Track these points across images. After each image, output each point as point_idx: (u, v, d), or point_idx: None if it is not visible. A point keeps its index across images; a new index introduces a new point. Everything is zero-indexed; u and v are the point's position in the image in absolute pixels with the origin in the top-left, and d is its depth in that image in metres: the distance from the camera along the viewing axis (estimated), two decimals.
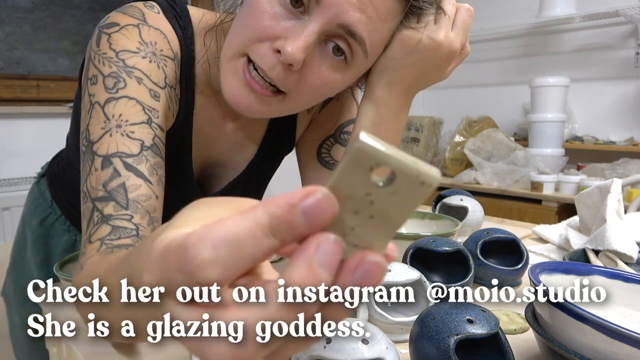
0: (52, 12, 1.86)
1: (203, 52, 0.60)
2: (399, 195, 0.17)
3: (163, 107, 0.55)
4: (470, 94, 2.98)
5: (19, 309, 0.82)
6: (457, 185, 2.26)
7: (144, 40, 0.54)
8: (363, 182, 0.17)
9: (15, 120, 1.81)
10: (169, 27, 0.57)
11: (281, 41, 0.48)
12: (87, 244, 0.45)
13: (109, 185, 0.47)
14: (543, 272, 0.47)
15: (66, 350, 0.54)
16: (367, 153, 0.17)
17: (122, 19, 0.54)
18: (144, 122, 0.51)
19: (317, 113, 0.73)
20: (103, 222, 0.46)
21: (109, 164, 0.48)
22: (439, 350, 0.39)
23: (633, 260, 0.64)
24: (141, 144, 0.50)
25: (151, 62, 0.54)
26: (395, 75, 0.57)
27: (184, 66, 0.59)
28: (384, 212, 0.18)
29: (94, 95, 0.51)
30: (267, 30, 0.49)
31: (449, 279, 0.63)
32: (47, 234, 0.80)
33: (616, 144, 2.25)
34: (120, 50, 0.52)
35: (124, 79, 0.51)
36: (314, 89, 0.53)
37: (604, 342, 0.35)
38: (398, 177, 0.17)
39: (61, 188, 0.78)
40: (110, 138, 0.49)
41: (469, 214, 0.89)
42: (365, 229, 0.18)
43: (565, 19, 2.31)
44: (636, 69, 2.30)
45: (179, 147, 0.62)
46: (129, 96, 0.51)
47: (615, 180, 0.77)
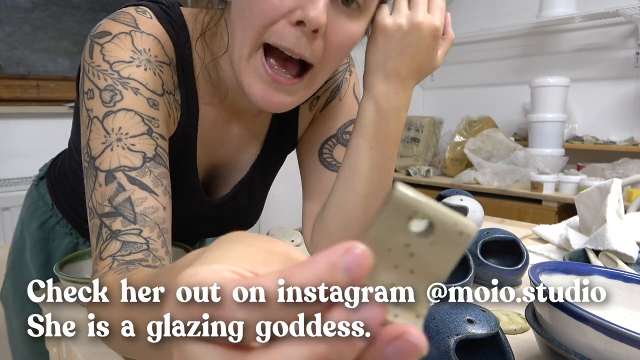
0: (52, 12, 1.86)
1: (201, 55, 0.59)
2: (438, 246, 0.17)
3: (163, 114, 0.55)
4: (470, 94, 2.98)
5: (18, 313, 0.81)
6: (457, 185, 2.26)
7: (137, 48, 0.53)
8: (402, 233, 0.17)
9: (15, 120, 1.81)
10: (163, 31, 0.55)
11: (298, 12, 0.47)
12: (99, 261, 0.45)
13: (114, 200, 0.47)
14: (543, 272, 0.47)
15: (66, 351, 0.54)
16: (405, 203, 0.17)
17: (113, 27, 0.53)
18: (144, 133, 0.50)
19: (319, 111, 0.72)
20: (112, 238, 0.45)
21: (113, 179, 0.47)
22: (439, 350, 0.39)
23: (633, 260, 0.64)
24: (143, 155, 0.49)
25: (146, 69, 0.53)
26: (389, 67, 0.57)
27: (182, 71, 0.58)
28: (424, 266, 0.17)
29: (92, 110, 0.50)
30: (278, 9, 0.47)
31: (449, 279, 0.63)
32: (47, 238, 0.79)
33: (616, 144, 2.25)
34: (114, 61, 0.51)
35: (120, 91, 0.50)
36: (340, 48, 0.52)
37: (604, 342, 0.35)
38: (437, 226, 0.17)
39: (62, 192, 0.78)
40: (111, 152, 0.48)
41: (469, 214, 0.89)
42: (406, 284, 0.17)
43: (565, 19, 2.31)
44: (636, 69, 2.30)
45: (183, 153, 0.61)
46: (127, 108, 0.50)
47: (615, 180, 0.77)
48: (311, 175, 0.70)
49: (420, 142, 2.60)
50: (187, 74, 0.58)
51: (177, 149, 0.60)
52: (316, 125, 0.72)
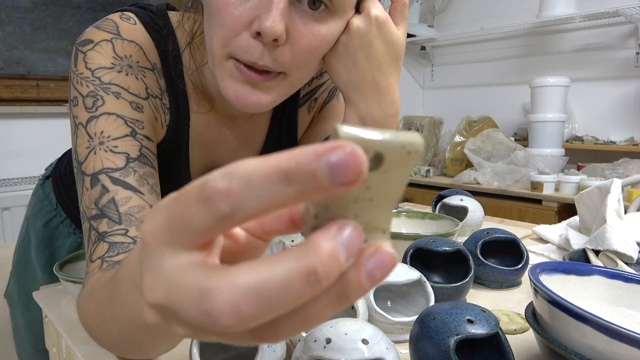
0: (51, 12, 1.86)
1: (188, 62, 0.59)
2: (390, 172, 0.18)
3: (148, 117, 0.55)
4: (470, 94, 2.98)
5: (23, 311, 0.81)
6: (457, 185, 2.26)
7: (118, 54, 0.53)
8: None
9: (15, 120, 1.81)
10: (146, 37, 0.56)
11: (256, 22, 0.45)
12: (90, 263, 0.46)
13: (99, 202, 0.47)
14: (543, 272, 0.47)
15: (66, 351, 0.54)
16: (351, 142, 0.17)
17: (96, 35, 0.54)
18: (127, 135, 0.51)
19: (317, 112, 0.73)
20: (100, 240, 0.46)
21: (97, 182, 0.48)
22: (439, 350, 0.38)
23: (633, 260, 0.64)
24: (126, 156, 0.50)
25: (128, 74, 0.53)
26: (355, 80, 0.54)
27: (168, 76, 0.58)
28: (381, 192, 0.18)
29: (77, 117, 0.51)
30: (238, 20, 0.46)
31: (449, 279, 0.63)
32: (51, 236, 0.80)
33: (616, 144, 2.25)
34: (96, 68, 0.52)
35: (101, 96, 0.51)
36: (310, 52, 0.49)
37: (604, 342, 0.35)
38: (385, 155, 0.17)
39: (66, 192, 0.79)
40: (94, 156, 0.49)
41: (469, 214, 0.89)
42: (369, 212, 0.19)
43: (565, 19, 2.32)
44: (636, 69, 2.30)
45: (174, 158, 0.62)
46: (108, 112, 0.51)
47: (615, 180, 0.77)
48: None
49: None
50: (176, 80, 0.59)
51: (169, 153, 0.61)
52: (315, 126, 0.73)
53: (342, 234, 0.17)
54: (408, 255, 0.61)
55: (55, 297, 0.65)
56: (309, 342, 0.38)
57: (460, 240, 0.83)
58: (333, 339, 0.37)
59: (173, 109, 0.59)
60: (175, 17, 0.60)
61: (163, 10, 0.59)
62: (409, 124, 2.65)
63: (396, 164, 0.17)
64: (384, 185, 0.18)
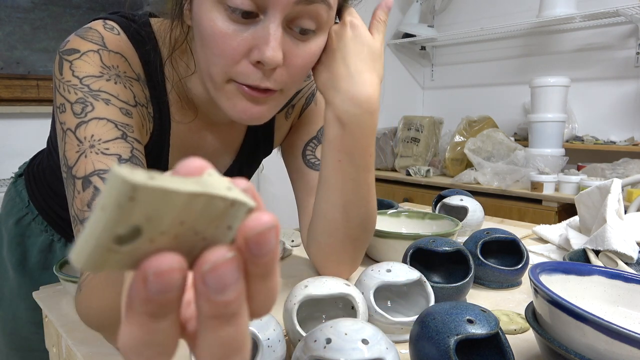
0: (51, 12, 1.86)
1: (171, 74, 0.60)
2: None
3: (137, 123, 0.55)
4: (470, 94, 2.98)
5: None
6: (457, 185, 2.26)
7: (106, 64, 0.54)
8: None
9: (15, 120, 1.81)
10: (130, 48, 0.56)
11: (255, 52, 0.49)
12: None
13: (92, 204, 0.47)
14: (543, 272, 0.47)
15: (66, 351, 0.54)
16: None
17: (81, 45, 0.54)
18: (118, 138, 0.51)
19: (297, 119, 0.76)
20: None
21: (89, 184, 0.48)
22: (439, 350, 0.38)
23: (633, 260, 0.64)
24: (118, 157, 0.50)
25: (117, 83, 0.54)
26: (335, 80, 0.57)
27: (152, 86, 0.59)
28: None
29: (65, 123, 0.51)
30: (237, 50, 0.49)
31: (449, 279, 0.63)
32: (23, 234, 0.79)
33: (616, 144, 2.25)
34: (84, 76, 0.52)
35: (91, 102, 0.51)
36: (304, 68, 0.54)
37: (604, 342, 0.35)
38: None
39: (39, 189, 0.79)
40: (85, 159, 0.49)
41: (469, 214, 0.89)
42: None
43: (565, 19, 2.32)
44: (636, 69, 2.30)
45: (155, 164, 0.63)
46: (98, 117, 0.51)
47: (615, 180, 0.77)
48: (297, 176, 0.74)
49: (420, 142, 2.60)
50: (159, 90, 0.59)
51: (150, 159, 0.61)
52: (296, 131, 0.75)
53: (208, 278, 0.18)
54: (408, 255, 0.61)
55: (55, 297, 0.65)
56: (309, 342, 0.38)
57: (460, 240, 0.83)
58: (333, 339, 0.37)
59: (157, 119, 0.60)
60: (156, 26, 0.60)
61: (146, 20, 0.60)
62: (409, 124, 2.65)
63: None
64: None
